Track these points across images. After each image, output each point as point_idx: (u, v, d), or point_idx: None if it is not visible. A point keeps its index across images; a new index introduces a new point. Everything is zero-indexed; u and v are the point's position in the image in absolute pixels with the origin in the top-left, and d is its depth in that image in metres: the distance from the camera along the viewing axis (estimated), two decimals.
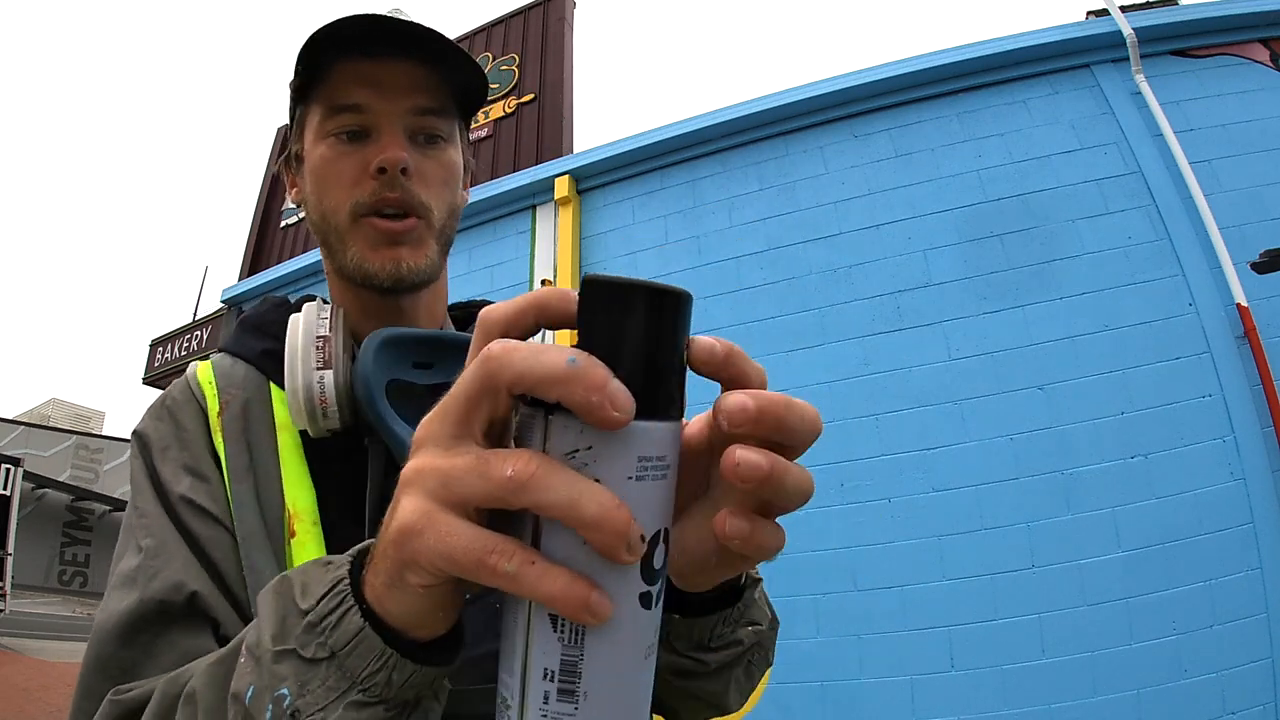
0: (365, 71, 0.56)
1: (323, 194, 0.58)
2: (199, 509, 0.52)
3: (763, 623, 0.46)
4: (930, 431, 2.99)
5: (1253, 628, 2.54)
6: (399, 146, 0.56)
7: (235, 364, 0.61)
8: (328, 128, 0.57)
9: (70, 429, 27.45)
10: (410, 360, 0.56)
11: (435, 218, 0.59)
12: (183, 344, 6.46)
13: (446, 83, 0.59)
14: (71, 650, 9.59)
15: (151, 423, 0.59)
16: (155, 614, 0.47)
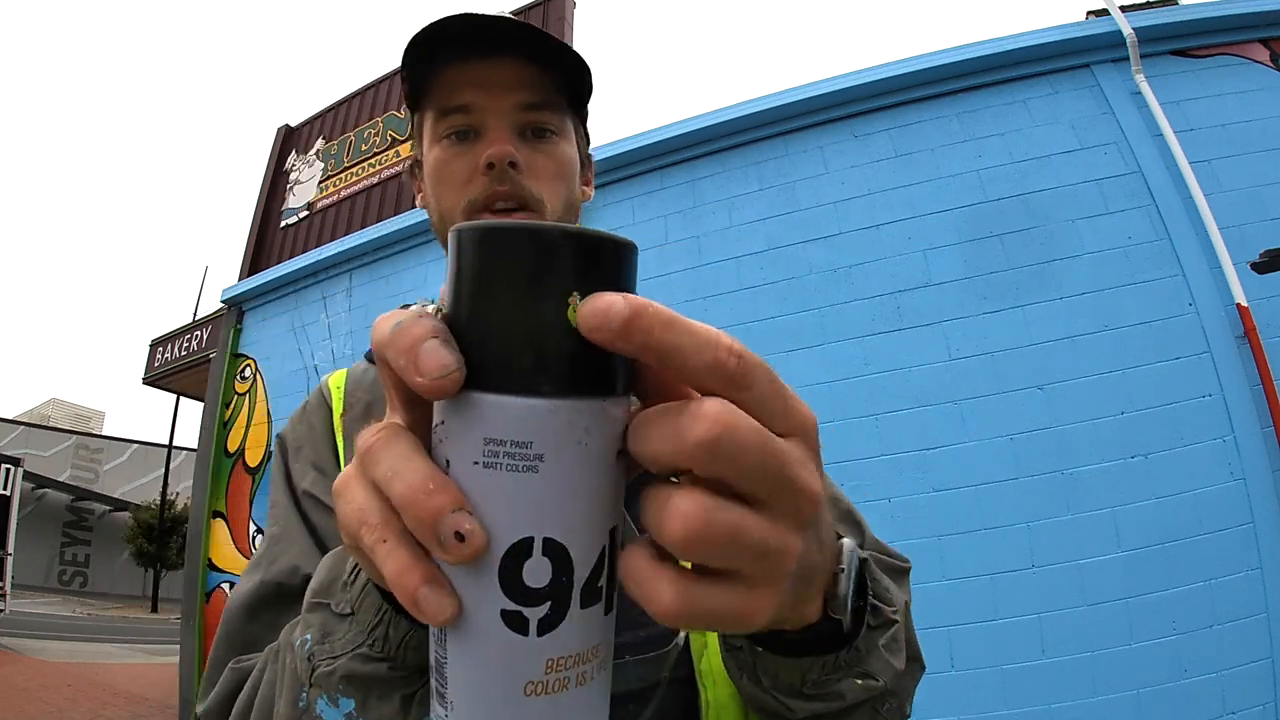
0: (470, 72, 0.58)
1: (439, 196, 0.60)
2: (318, 501, 0.58)
3: (882, 677, 0.38)
4: (930, 431, 2.99)
5: (1253, 628, 2.54)
6: (505, 141, 0.57)
7: (368, 369, 0.65)
8: (439, 130, 0.60)
9: (70, 429, 27.46)
10: None
11: (549, 210, 0.59)
12: (183, 344, 6.46)
13: (552, 77, 0.59)
14: (71, 650, 9.58)
15: (291, 426, 0.66)
16: (274, 594, 0.53)
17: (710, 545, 0.21)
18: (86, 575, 21.91)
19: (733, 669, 0.39)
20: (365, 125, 5.78)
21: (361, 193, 5.51)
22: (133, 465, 25.90)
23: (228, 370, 5.43)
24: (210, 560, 5.04)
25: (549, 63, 0.58)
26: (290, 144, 6.42)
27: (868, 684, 0.38)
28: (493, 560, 0.21)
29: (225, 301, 5.67)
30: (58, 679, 7.20)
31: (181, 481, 19.35)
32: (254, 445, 5.05)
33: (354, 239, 4.92)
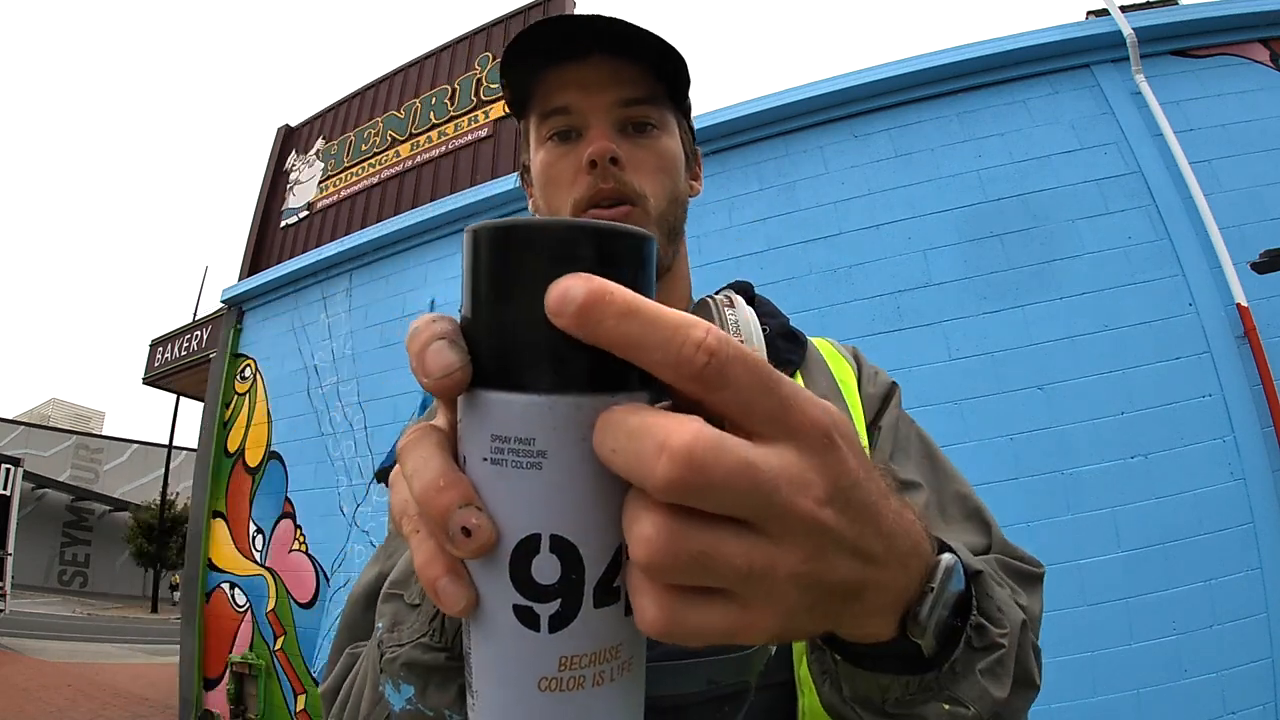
0: (568, 74, 0.58)
1: (548, 197, 0.61)
2: None
3: (975, 706, 0.33)
4: (930, 431, 2.98)
5: (1253, 628, 2.54)
6: (605, 138, 0.57)
7: None
8: (543, 133, 0.61)
9: (70, 429, 27.46)
10: None
11: (652, 205, 0.59)
12: (183, 344, 6.46)
13: (648, 71, 0.59)
14: (71, 650, 9.58)
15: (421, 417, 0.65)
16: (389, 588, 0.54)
17: (676, 571, 0.19)
18: (86, 575, 21.91)
19: (816, 672, 0.37)
20: (365, 125, 5.77)
21: (361, 193, 5.50)
22: (133, 465, 25.90)
23: (228, 370, 5.43)
24: (210, 560, 5.04)
25: (642, 57, 0.58)
26: (290, 144, 6.42)
27: (955, 711, 0.34)
28: (503, 555, 0.21)
29: (225, 301, 5.67)
30: (58, 679, 7.20)
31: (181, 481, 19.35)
32: (254, 445, 5.05)
33: (354, 239, 4.92)
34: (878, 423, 0.67)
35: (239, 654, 4.63)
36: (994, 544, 0.63)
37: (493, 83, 5.14)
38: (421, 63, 5.72)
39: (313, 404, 4.79)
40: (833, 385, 0.66)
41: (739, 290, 0.70)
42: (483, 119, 5.05)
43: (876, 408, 0.68)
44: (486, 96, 5.12)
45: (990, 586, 0.36)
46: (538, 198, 0.63)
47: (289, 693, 4.38)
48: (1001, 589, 0.42)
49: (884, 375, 0.72)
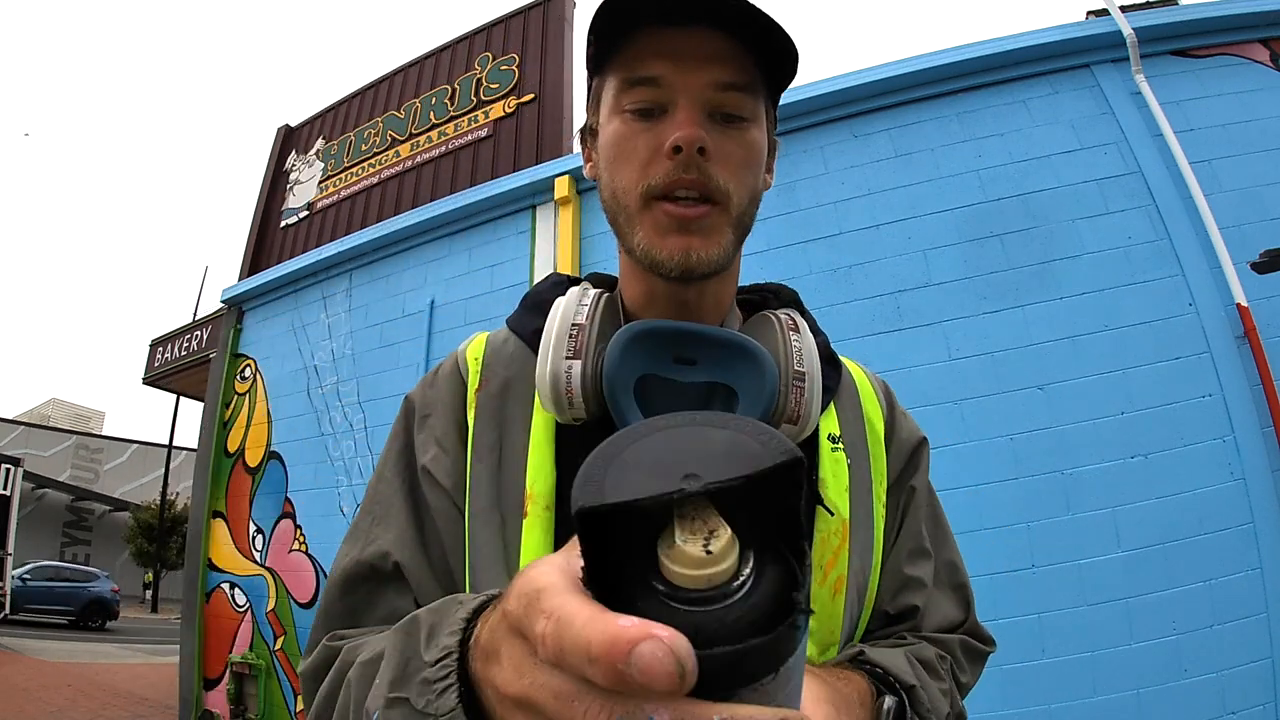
0: (663, 41, 0.51)
1: (614, 173, 0.55)
2: (434, 480, 0.56)
3: None
4: (930, 431, 2.97)
5: (1253, 628, 2.54)
6: (695, 124, 0.51)
7: (509, 339, 0.63)
8: (622, 102, 0.54)
9: (70, 429, 27.46)
10: (670, 355, 0.52)
11: (734, 204, 0.54)
12: (183, 344, 6.46)
13: (753, 55, 0.53)
14: (71, 650, 9.58)
15: (421, 390, 0.63)
16: (368, 574, 0.54)
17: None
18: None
19: None
20: (365, 125, 5.77)
21: (361, 193, 5.51)
22: (133, 465, 25.91)
23: (228, 370, 5.43)
24: (210, 560, 5.04)
25: (753, 39, 0.51)
26: (290, 144, 6.42)
27: None
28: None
29: (225, 301, 5.67)
30: (58, 679, 7.20)
31: (181, 481, 19.36)
32: (254, 445, 5.05)
33: (354, 239, 4.92)
34: (908, 482, 0.65)
35: (239, 654, 4.63)
36: (968, 621, 0.66)
37: (493, 83, 5.14)
38: (421, 63, 5.72)
39: (313, 404, 4.79)
40: (859, 421, 0.63)
41: (785, 299, 0.67)
42: (483, 119, 5.05)
43: (904, 462, 0.66)
44: (486, 96, 5.12)
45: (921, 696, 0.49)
46: (601, 170, 0.58)
47: (289, 693, 4.38)
48: (938, 682, 0.56)
49: (914, 425, 0.69)
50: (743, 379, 0.51)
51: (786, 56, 0.53)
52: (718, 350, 0.52)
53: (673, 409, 0.52)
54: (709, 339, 0.52)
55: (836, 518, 0.56)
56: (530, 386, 0.57)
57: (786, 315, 0.59)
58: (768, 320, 0.59)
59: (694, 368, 0.52)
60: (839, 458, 0.59)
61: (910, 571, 0.63)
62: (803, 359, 0.55)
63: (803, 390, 0.53)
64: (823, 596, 0.54)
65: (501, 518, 0.53)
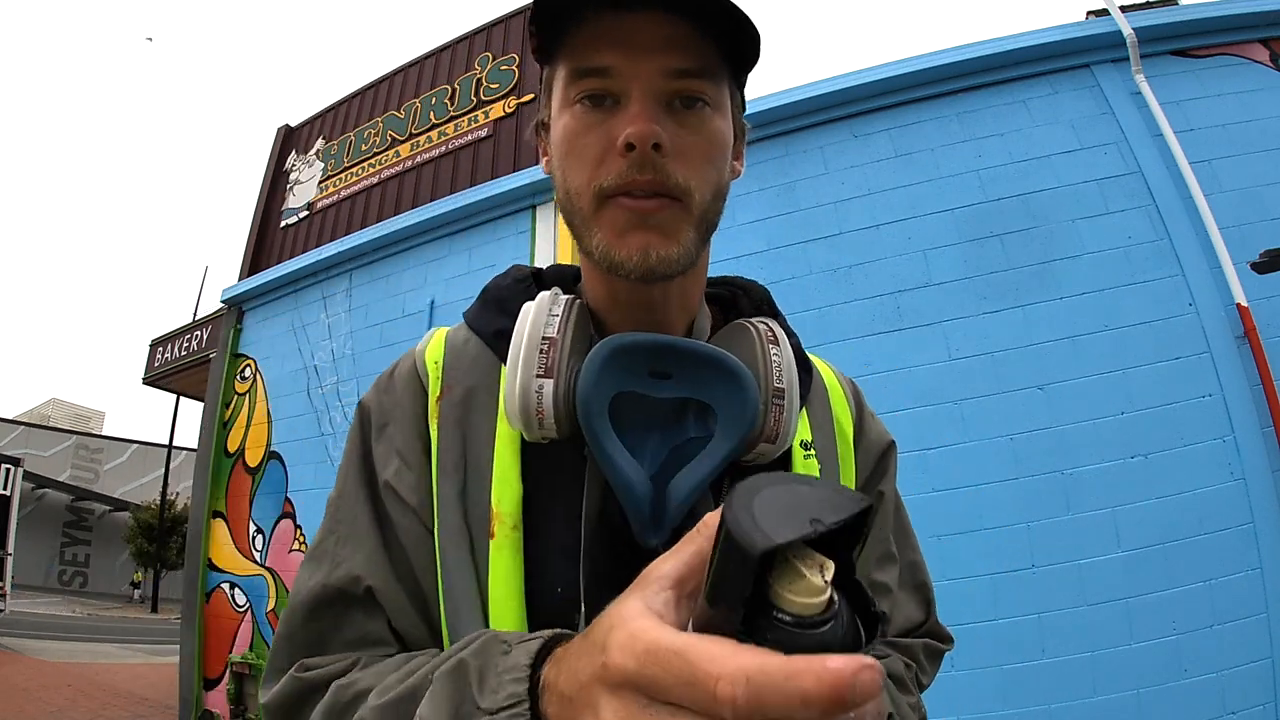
0: (611, 27, 0.48)
1: (567, 171, 0.52)
2: (399, 498, 0.53)
3: None
4: (930, 431, 2.99)
5: (1253, 628, 2.54)
6: (649, 118, 0.47)
7: (469, 340, 0.58)
8: (570, 94, 0.50)
9: (70, 429, 27.46)
10: (645, 369, 0.50)
11: (695, 201, 0.50)
12: (183, 344, 6.46)
13: (711, 38, 0.49)
14: (71, 650, 9.58)
15: (375, 395, 0.58)
16: (336, 598, 0.51)
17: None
18: (86, 575, 21.92)
19: None
20: (365, 125, 5.77)
21: (361, 193, 5.50)
22: (133, 465, 25.91)
23: (228, 370, 5.43)
24: (210, 560, 5.04)
25: (709, 20, 0.48)
26: (290, 144, 6.42)
27: None
28: None
29: (225, 301, 5.67)
30: (58, 679, 7.20)
31: (181, 481, 19.36)
32: (254, 445, 5.05)
33: (354, 239, 4.92)
34: (876, 486, 0.65)
35: (239, 654, 4.63)
36: (929, 621, 0.67)
37: (493, 83, 5.14)
38: (421, 63, 5.72)
39: (313, 404, 4.79)
40: (830, 424, 0.62)
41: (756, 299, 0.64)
42: (483, 119, 5.05)
43: (873, 466, 0.65)
44: (486, 96, 5.12)
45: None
46: (556, 168, 0.54)
47: None
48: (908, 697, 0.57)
49: (882, 428, 0.69)
50: (721, 397, 0.49)
51: (746, 37, 0.49)
52: (694, 365, 0.50)
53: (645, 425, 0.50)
54: (689, 354, 0.50)
55: None
56: (494, 395, 0.54)
57: (765, 326, 0.56)
58: (745, 331, 0.56)
59: (668, 382, 0.50)
60: (811, 464, 0.58)
61: (878, 577, 0.63)
62: (782, 375, 0.52)
63: (782, 409, 0.51)
64: None
65: (470, 537, 0.50)
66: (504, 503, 0.51)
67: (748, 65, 0.52)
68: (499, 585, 0.49)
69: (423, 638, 0.51)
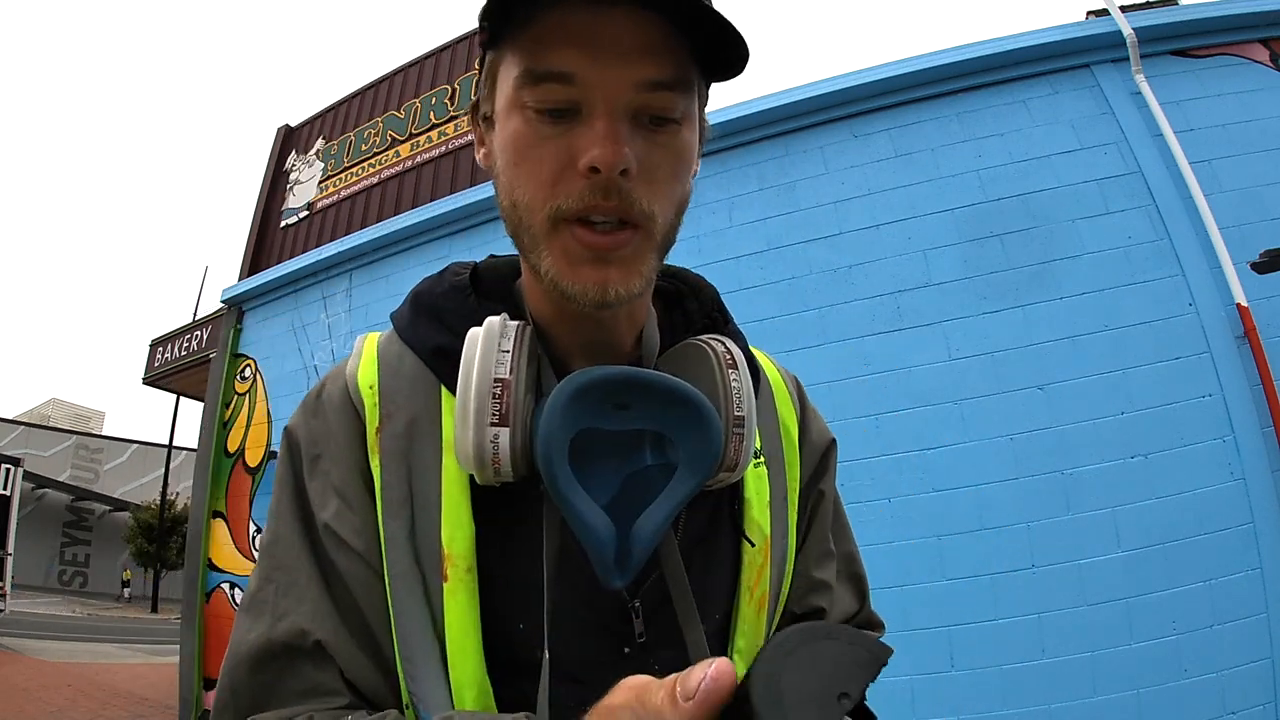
0: (580, 24, 0.41)
1: (515, 181, 0.46)
2: (342, 542, 0.49)
3: None
4: (930, 431, 2.99)
5: (1253, 628, 2.54)
6: (618, 139, 0.42)
7: (404, 356, 0.53)
8: (524, 97, 0.44)
9: (70, 429, 27.46)
10: (607, 402, 0.46)
11: (658, 226, 0.46)
12: (183, 344, 6.46)
13: (687, 42, 0.43)
14: (71, 650, 9.58)
15: (304, 420, 0.53)
16: (282, 652, 0.47)
17: None
18: (86, 575, 21.92)
19: None
20: (365, 125, 5.77)
21: (361, 193, 5.51)
22: (133, 465, 25.91)
23: (228, 370, 5.43)
24: (210, 560, 5.04)
25: (687, 20, 0.42)
26: (290, 144, 6.42)
27: None
28: None
29: (225, 301, 5.67)
30: (58, 679, 7.20)
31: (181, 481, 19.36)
32: (254, 445, 5.05)
33: (354, 239, 4.92)
34: (819, 485, 0.64)
35: None
36: (863, 611, 0.68)
37: None
38: (421, 63, 5.72)
39: None
40: (775, 424, 0.61)
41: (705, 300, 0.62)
42: None
43: (816, 463, 0.65)
44: None
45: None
46: (500, 171, 0.48)
47: None
48: None
49: (823, 425, 0.67)
50: (684, 432, 0.47)
51: (731, 45, 0.43)
52: (657, 398, 0.47)
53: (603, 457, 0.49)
54: (652, 386, 0.46)
55: (761, 537, 0.55)
56: (435, 422, 0.50)
57: (723, 348, 0.51)
58: (703, 355, 0.51)
59: (627, 412, 0.47)
60: (760, 473, 0.57)
61: (818, 574, 0.63)
62: (742, 402, 0.49)
63: (742, 437, 0.49)
64: (749, 614, 0.54)
65: (423, 578, 0.47)
66: (456, 543, 0.47)
67: (728, 74, 0.46)
68: (455, 629, 0.47)
69: (377, 685, 0.48)
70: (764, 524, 0.56)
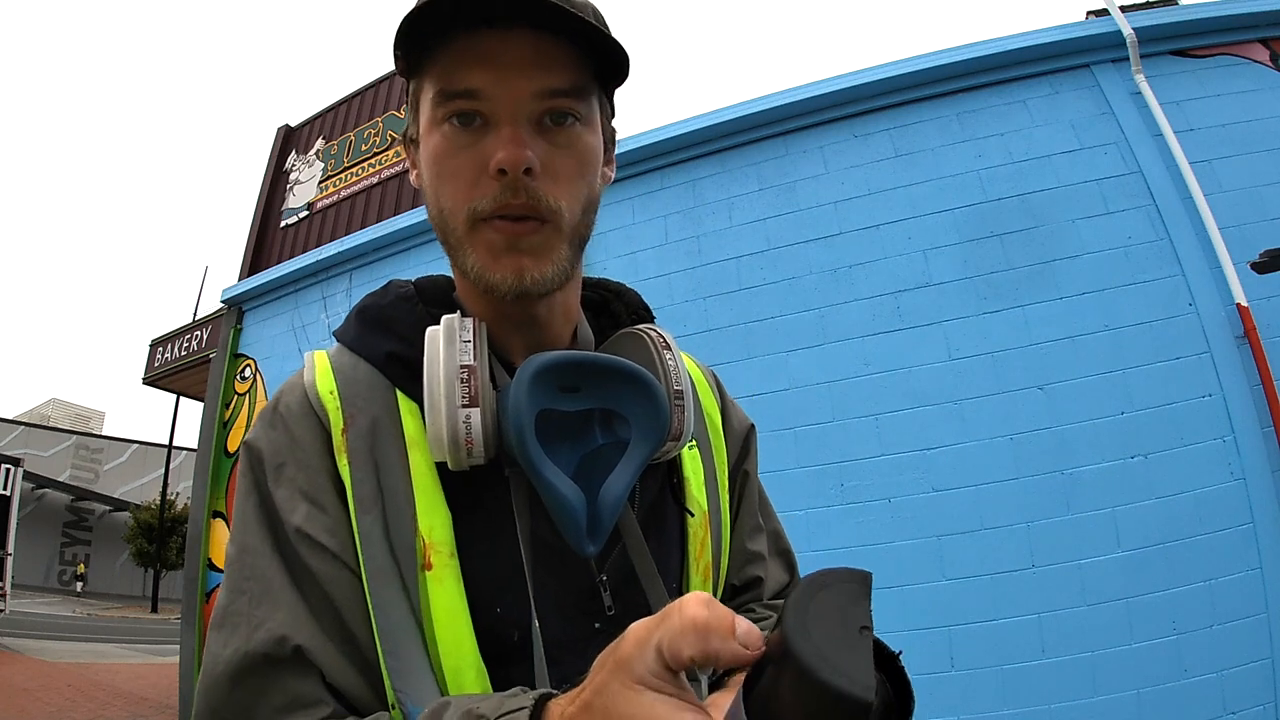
0: (479, 47, 0.47)
1: (439, 191, 0.52)
2: (315, 544, 0.49)
3: None
4: (930, 431, 2.99)
5: (1253, 628, 2.54)
6: (520, 143, 0.48)
7: (357, 365, 0.55)
8: (439, 115, 0.50)
9: (70, 429, 27.46)
10: (555, 385, 0.50)
11: (566, 221, 0.51)
12: (183, 344, 6.46)
13: (580, 54, 0.50)
14: (71, 650, 9.59)
15: (264, 432, 0.54)
16: (261, 664, 0.47)
17: None
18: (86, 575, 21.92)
19: None
20: (365, 125, 5.78)
21: (361, 193, 5.51)
22: (133, 465, 25.91)
23: (228, 370, 5.43)
24: (210, 560, 5.04)
25: (577, 36, 0.48)
26: (290, 144, 6.42)
27: None
28: None
29: (225, 301, 5.67)
30: (58, 679, 7.20)
31: (181, 481, 19.37)
32: None
33: (354, 239, 4.92)
34: (744, 467, 0.70)
35: None
36: (793, 581, 0.72)
37: None
38: None
39: None
40: (700, 414, 0.65)
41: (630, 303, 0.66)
42: None
43: (740, 449, 0.70)
44: None
45: None
46: (427, 186, 0.54)
47: None
48: None
49: (743, 414, 0.73)
50: (633, 407, 0.51)
51: (613, 53, 0.50)
52: (606, 378, 0.52)
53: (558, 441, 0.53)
54: (600, 368, 0.51)
55: (700, 512, 0.60)
56: (394, 421, 0.52)
57: (656, 334, 0.58)
58: (639, 339, 0.57)
59: (577, 395, 0.51)
60: (694, 454, 0.62)
61: (752, 547, 0.68)
62: (679, 377, 0.55)
63: (683, 408, 0.54)
64: (698, 583, 0.59)
65: (400, 571, 0.48)
66: (435, 531, 0.49)
67: (618, 81, 0.54)
68: (443, 614, 0.48)
69: (360, 688, 0.48)
70: (702, 500, 0.60)
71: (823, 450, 3.07)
